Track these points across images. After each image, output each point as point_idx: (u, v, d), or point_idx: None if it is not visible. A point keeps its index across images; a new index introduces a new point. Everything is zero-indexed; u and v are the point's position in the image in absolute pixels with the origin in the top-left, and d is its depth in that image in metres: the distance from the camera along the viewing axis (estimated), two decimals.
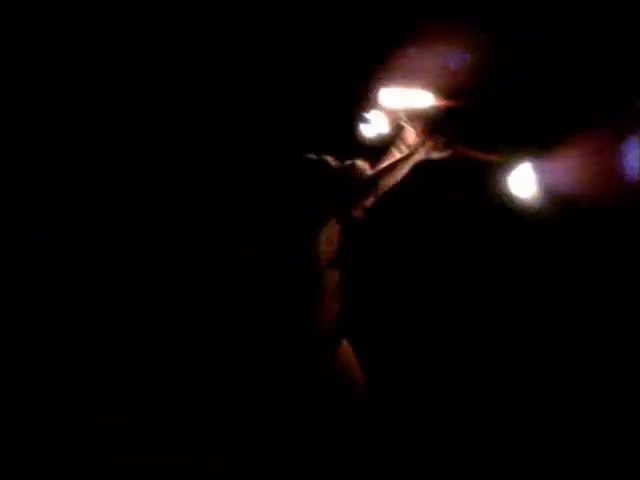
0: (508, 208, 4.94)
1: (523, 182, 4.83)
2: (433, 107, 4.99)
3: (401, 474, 4.95)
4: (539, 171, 4.79)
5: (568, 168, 5.07)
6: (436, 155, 4.90)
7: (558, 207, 5.14)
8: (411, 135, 4.98)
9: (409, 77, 5.12)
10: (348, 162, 4.79)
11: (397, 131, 5.02)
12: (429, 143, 4.87)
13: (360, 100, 5.29)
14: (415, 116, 4.98)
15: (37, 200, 5.96)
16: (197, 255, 6.02)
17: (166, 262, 6.01)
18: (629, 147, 5.36)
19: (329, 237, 4.68)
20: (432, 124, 4.96)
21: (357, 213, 4.74)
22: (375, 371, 4.80)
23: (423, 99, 5.02)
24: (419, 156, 4.83)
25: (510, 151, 4.86)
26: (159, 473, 4.96)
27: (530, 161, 4.82)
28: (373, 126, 5.04)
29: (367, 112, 5.04)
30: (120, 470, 4.96)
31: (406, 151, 4.93)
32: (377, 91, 5.00)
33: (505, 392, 5.51)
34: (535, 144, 4.99)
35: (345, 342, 4.74)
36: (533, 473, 5.01)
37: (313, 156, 4.76)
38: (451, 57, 5.64)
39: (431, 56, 5.58)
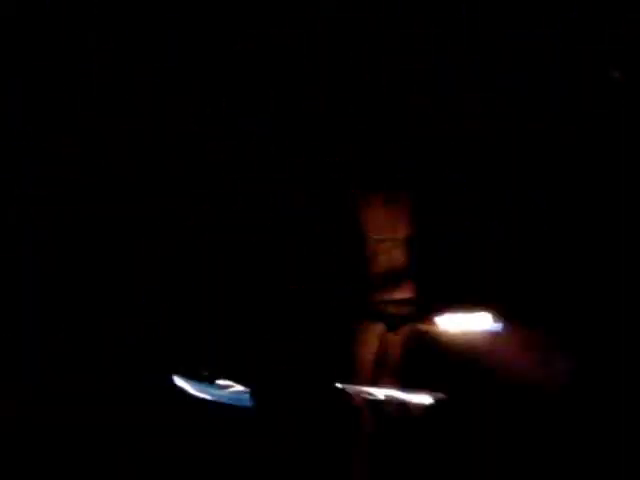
0: None
1: None
2: None
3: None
4: None
5: None
6: None
7: None
8: None
9: None
10: None
11: None
12: None
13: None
14: None
15: (37, 200, 5.96)
16: (197, 255, 6.01)
17: (166, 262, 6.01)
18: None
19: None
20: None
21: None
22: None
23: None
24: None
25: None
26: (159, 473, 4.96)
27: None
28: None
29: None
30: (119, 470, 4.96)
31: None
32: None
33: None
34: None
35: None
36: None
37: None
38: None
39: None
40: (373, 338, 4.67)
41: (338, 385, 4.95)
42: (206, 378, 5.11)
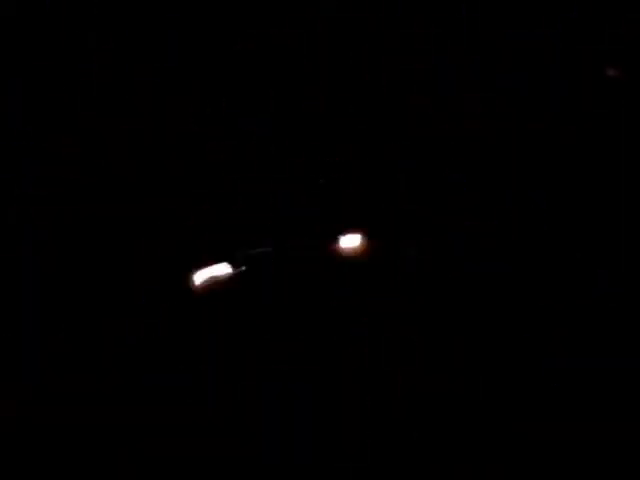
0: None
1: None
2: None
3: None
4: None
5: None
6: None
7: None
8: None
9: None
10: None
11: None
12: None
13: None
14: None
15: (37, 200, 5.96)
16: (197, 255, 6.01)
17: (166, 262, 6.00)
18: None
19: None
20: None
21: None
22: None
23: None
24: None
25: None
26: (159, 473, 4.96)
27: None
28: None
29: None
30: (119, 470, 4.96)
31: None
32: None
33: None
34: None
35: None
36: None
37: None
38: None
39: None
40: None
41: None
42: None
